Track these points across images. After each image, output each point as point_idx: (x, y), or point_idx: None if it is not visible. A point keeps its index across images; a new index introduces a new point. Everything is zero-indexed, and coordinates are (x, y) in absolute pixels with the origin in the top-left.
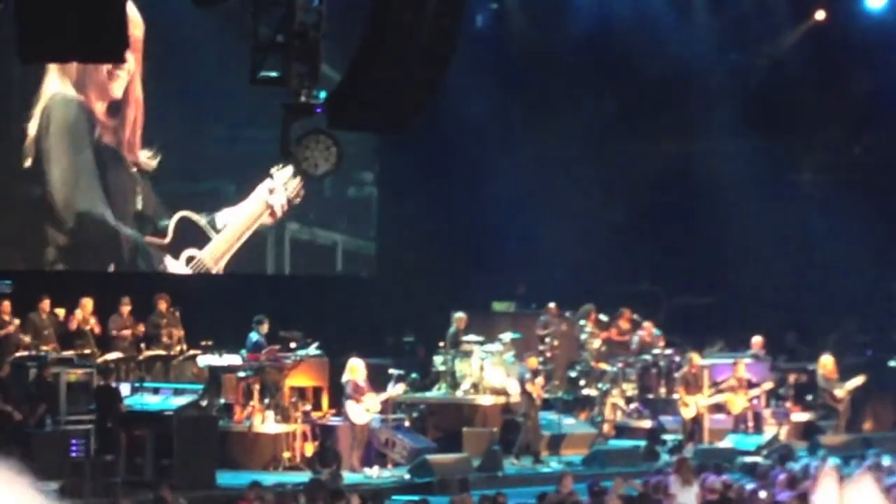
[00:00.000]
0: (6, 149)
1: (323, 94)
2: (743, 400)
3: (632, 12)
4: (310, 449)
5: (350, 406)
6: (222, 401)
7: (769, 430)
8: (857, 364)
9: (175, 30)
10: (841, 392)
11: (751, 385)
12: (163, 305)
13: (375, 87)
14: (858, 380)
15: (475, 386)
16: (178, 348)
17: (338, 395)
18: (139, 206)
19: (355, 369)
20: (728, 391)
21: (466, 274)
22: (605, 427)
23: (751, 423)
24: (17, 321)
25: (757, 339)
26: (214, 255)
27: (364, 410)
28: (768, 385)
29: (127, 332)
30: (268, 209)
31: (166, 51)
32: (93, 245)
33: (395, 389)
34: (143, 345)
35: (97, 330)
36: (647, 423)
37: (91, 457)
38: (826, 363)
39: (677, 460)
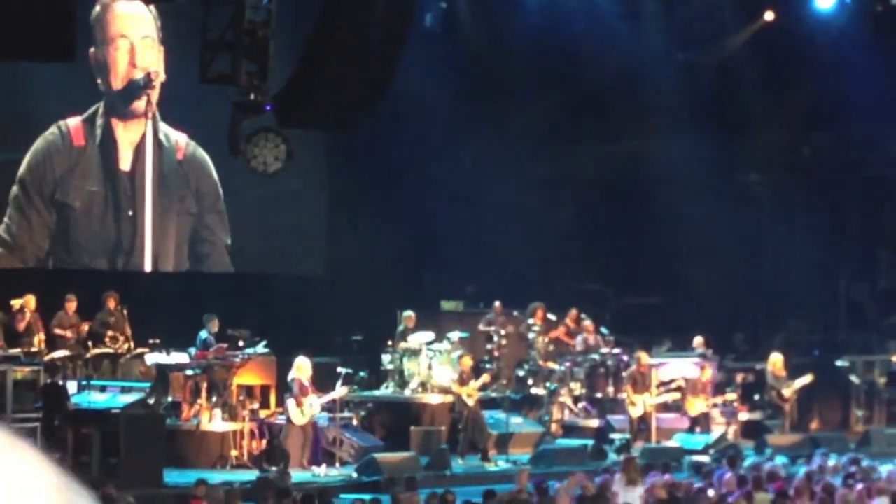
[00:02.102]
0: None
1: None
2: (702, 403)
3: (580, 12)
4: (257, 447)
5: (291, 405)
6: (170, 399)
7: (717, 430)
8: (804, 364)
9: None
10: (788, 391)
11: (716, 390)
12: (112, 303)
13: (325, 85)
14: (806, 379)
15: (423, 385)
16: (125, 346)
17: (285, 393)
18: None
19: (302, 368)
20: (676, 391)
21: (415, 273)
22: (553, 426)
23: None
24: None
25: (698, 339)
26: None
27: (303, 412)
28: (732, 396)
29: (71, 331)
30: None
31: None
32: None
33: (338, 392)
34: (90, 343)
35: (40, 327)
36: (594, 423)
37: None
38: (775, 361)
39: (624, 459)
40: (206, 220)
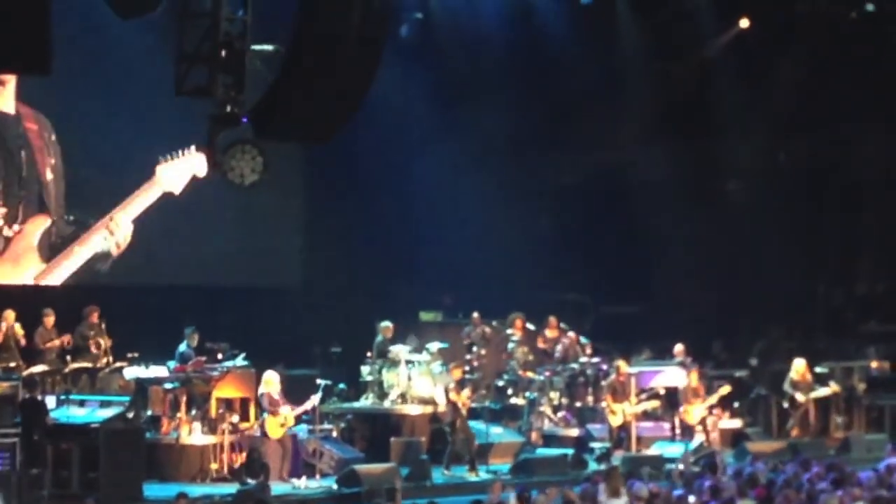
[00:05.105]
0: None
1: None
2: (701, 409)
3: (556, 20)
4: (237, 460)
5: (268, 421)
6: (149, 413)
7: (698, 438)
8: (783, 371)
9: (98, 41)
10: (803, 397)
11: (707, 393)
12: (94, 317)
13: (301, 97)
14: (826, 390)
15: (403, 396)
16: (104, 360)
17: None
18: None
19: (270, 382)
20: (655, 399)
21: (393, 284)
22: (533, 436)
23: (678, 431)
24: None
25: (679, 347)
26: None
27: (279, 424)
28: (725, 389)
29: (54, 344)
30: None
31: (91, 61)
32: None
33: (310, 403)
34: (68, 357)
35: (22, 342)
36: (574, 432)
37: (17, 470)
38: (799, 367)
39: (607, 469)
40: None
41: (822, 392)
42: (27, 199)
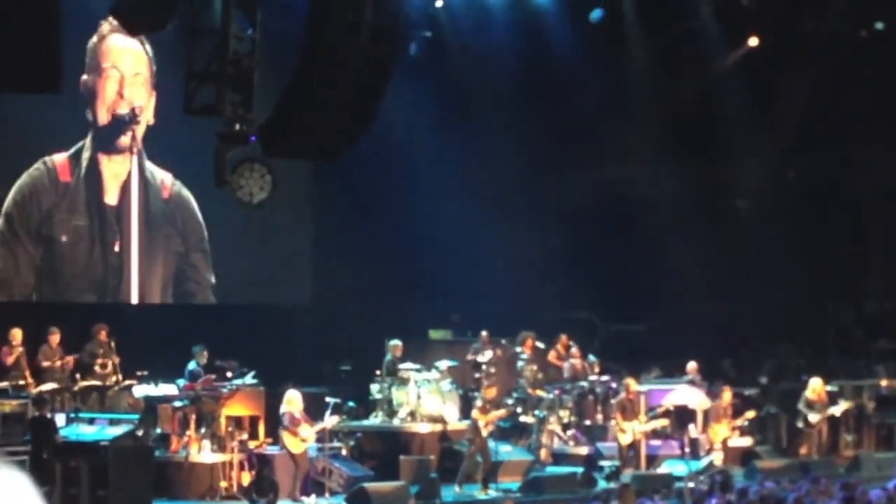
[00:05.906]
0: None
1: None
2: (726, 429)
3: (565, 39)
4: (246, 478)
5: (286, 437)
6: (158, 431)
7: (707, 457)
8: (793, 389)
9: None
10: (817, 417)
11: (735, 414)
12: (102, 335)
13: (310, 115)
14: (839, 408)
15: (412, 414)
16: (113, 378)
17: (274, 425)
18: None
19: (293, 401)
20: (664, 416)
21: (402, 302)
22: (542, 454)
23: (688, 449)
24: None
25: (692, 365)
26: None
27: (300, 441)
28: (751, 413)
29: (56, 363)
30: None
31: None
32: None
33: (330, 420)
34: (78, 375)
35: (23, 361)
36: (584, 450)
37: None
38: (815, 386)
39: (620, 487)
40: (191, 259)
41: (837, 409)
42: None
